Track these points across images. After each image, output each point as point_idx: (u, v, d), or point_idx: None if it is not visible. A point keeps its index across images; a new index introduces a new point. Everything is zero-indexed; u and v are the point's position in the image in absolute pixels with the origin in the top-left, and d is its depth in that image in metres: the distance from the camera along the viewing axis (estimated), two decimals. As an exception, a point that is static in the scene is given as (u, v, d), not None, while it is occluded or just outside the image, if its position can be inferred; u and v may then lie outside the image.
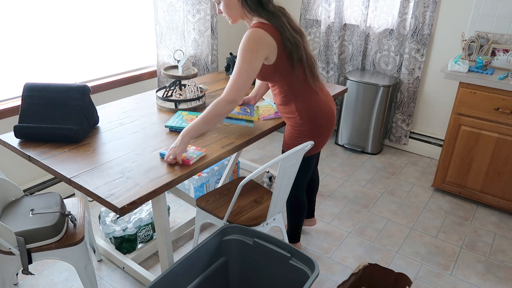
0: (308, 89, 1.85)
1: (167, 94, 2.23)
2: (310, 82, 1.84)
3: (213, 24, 3.24)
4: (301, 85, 1.83)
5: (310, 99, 1.87)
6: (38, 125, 1.75)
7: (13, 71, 2.41)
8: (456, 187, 2.87)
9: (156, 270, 2.21)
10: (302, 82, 1.83)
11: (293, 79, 1.80)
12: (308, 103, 1.87)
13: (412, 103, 3.39)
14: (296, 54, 1.75)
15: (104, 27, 2.79)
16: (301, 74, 1.80)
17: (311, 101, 1.87)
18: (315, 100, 1.88)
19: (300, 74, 1.80)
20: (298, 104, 1.87)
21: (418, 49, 3.20)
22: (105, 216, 2.31)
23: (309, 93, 1.86)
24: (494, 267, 2.31)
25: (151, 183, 1.50)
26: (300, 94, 1.85)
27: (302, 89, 1.84)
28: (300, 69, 1.80)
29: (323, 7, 3.51)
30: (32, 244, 1.58)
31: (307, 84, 1.84)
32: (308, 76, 1.82)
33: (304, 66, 1.79)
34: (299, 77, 1.81)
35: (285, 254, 1.59)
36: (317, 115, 1.89)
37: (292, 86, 1.83)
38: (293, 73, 1.79)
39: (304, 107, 1.87)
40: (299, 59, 1.77)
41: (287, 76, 1.80)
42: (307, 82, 1.83)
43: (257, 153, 3.54)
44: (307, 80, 1.83)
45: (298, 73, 1.79)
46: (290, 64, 1.76)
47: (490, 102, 2.55)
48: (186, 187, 2.79)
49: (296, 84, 1.82)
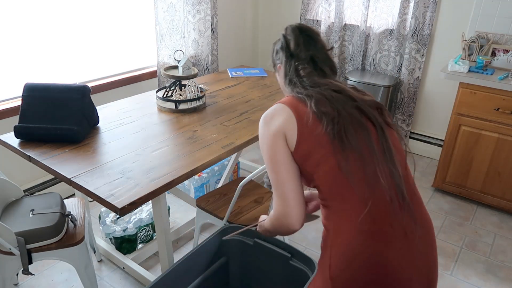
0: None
1: (167, 94, 2.23)
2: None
3: (213, 25, 3.24)
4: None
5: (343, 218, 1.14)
6: (38, 125, 1.75)
7: (13, 71, 2.41)
8: (456, 187, 2.87)
9: (156, 270, 2.21)
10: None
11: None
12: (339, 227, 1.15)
13: (412, 103, 3.39)
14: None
15: (104, 27, 2.79)
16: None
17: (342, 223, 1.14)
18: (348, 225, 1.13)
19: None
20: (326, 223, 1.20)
21: (418, 49, 3.20)
22: (105, 217, 2.31)
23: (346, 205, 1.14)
24: (494, 267, 2.31)
25: (151, 184, 1.50)
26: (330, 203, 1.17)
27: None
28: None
29: (323, 7, 3.51)
30: (32, 244, 1.58)
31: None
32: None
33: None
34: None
35: (285, 254, 1.59)
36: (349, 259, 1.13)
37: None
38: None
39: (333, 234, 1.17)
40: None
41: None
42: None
43: (257, 153, 3.54)
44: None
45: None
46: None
47: (490, 102, 2.55)
48: (186, 187, 2.79)
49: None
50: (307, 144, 1.13)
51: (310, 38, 1.30)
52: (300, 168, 1.18)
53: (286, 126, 1.15)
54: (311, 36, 1.31)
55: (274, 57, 1.38)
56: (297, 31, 1.31)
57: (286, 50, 1.31)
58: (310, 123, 1.13)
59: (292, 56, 1.28)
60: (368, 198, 1.09)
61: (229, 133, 1.92)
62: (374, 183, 1.10)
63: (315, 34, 1.33)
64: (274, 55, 1.38)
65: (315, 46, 1.29)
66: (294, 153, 1.16)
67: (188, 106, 2.18)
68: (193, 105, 2.19)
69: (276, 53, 1.37)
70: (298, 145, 1.14)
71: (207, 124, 2.02)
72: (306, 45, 1.28)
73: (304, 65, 1.26)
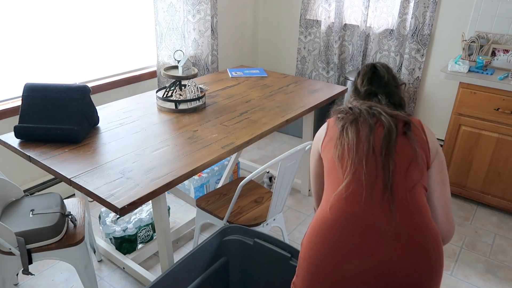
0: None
1: (167, 94, 2.23)
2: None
3: (213, 25, 3.25)
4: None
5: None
6: (38, 125, 1.75)
7: (13, 71, 2.41)
8: (456, 187, 2.87)
9: (156, 270, 2.21)
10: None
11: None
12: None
13: (412, 103, 3.39)
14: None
15: (104, 27, 2.79)
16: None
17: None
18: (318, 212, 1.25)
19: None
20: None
21: (418, 49, 3.20)
22: (105, 217, 2.31)
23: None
24: (494, 267, 2.31)
25: (151, 184, 1.50)
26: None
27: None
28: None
29: (323, 7, 3.51)
30: (32, 244, 1.58)
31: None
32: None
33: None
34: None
35: (285, 254, 1.59)
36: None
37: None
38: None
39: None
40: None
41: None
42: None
43: (257, 153, 3.53)
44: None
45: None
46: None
47: (490, 102, 2.55)
48: (186, 188, 2.79)
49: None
50: (327, 139, 1.34)
51: (374, 75, 1.46)
52: (324, 162, 1.36)
53: (320, 136, 1.39)
54: (376, 73, 1.46)
55: (352, 85, 1.58)
56: (367, 68, 1.49)
57: (355, 83, 1.50)
58: (333, 124, 1.35)
59: (356, 89, 1.49)
60: (346, 177, 1.19)
61: (229, 133, 1.92)
62: (359, 168, 1.19)
63: (380, 71, 1.46)
64: (352, 84, 1.57)
65: (377, 82, 1.44)
66: (321, 149, 1.37)
67: (188, 106, 2.18)
68: (193, 105, 2.19)
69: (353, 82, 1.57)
70: (323, 141, 1.36)
71: (207, 124, 2.02)
72: (368, 80, 1.45)
73: (356, 97, 1.46)
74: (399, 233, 1.12)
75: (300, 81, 2.73)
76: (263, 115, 2.14)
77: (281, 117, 2.11)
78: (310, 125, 2.67)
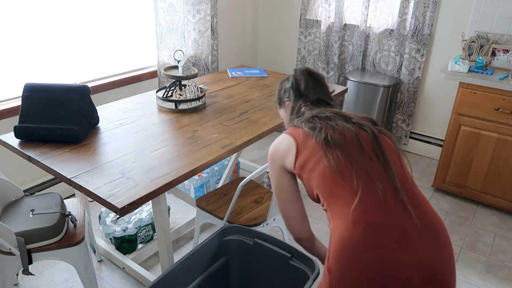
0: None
1: (167, 94, 2.23)
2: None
3: (213, 25, 3.25)
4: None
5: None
6: (38, 125, 1.75)
7: (13, 71, 2.41)
8: (456, 187, 2.87)
9: (156, 270, 2.21)
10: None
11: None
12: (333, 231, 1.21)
13: (412, 103, 3.39)
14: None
15: (104, 27, 2.79)
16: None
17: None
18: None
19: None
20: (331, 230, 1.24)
21: (418, 49, 3.20)
22: (105, 217, 2.31)
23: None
24: (494, 267, 2.31)
25: (151, 184, 1.50)
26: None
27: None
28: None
29: (323, 7, 3.51)
30: (32, 244, 1.58)
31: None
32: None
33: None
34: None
35: (286, 254, 1.59)
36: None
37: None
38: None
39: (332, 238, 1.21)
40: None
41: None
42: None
43: (257, 153, 3.53)
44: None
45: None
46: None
47: (490, 102, 2.55)
48: (186, 188, 2.79)
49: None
50: (303, 157, 1.28)
51: (318, 82, 1.48)
52: (302, 180, 1.32)
53: (286, 153, 1.33)
54: (319, 80, 1.49)
55: (282, 95, 1.53)
56: (306, 74, 1.48)
57: (296, 90, 1.47)
58: (303, 139, 1.29)
59: (301, 95, 1.45)
60: (357, 189, 1.16)
61: (229, 133, 1.92)
62: (364, 176, 1.18)
63: (321, 78, 1.51)
64: (283, 93, 1.53)
65: (321, 88, 1.48)
66: (295, 169, 1.31)
67: (188, 106, 2.18)
68: (193, 105, 2.19)
69: (284, 91, 1.52)
70: (296, 160, 1.29)
71: (207, 124, 2.02)
72: (314, 87, 1.46)
73: (309, 105, 1.43)
74: (421, 227, 1.14)
75: (300, 81, 2.72)
76: (263, 115, 2.14)
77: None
78: (310, 125, 2.67)
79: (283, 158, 1.33)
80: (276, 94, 1.58)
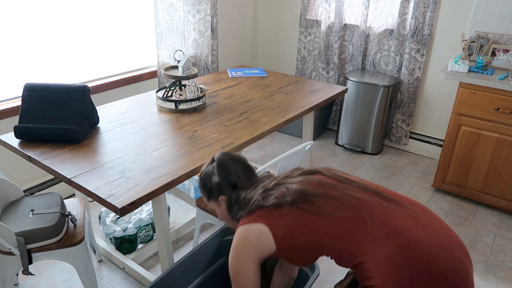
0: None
1: (167, 94, 2.23)
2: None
3: (213, 25, 3.25)
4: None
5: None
6: (38, 125, 1.75)
7: (13, 71, 2.41)
8: (456, 187, 2.87)
9: (156, 270, 2.21)
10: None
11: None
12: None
13: (412, 103, 3.39)
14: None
15: (104, 27, 2.79)
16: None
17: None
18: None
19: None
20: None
21: (418, 49, 3.20)
22: (105, 217, 2.31)
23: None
24: (494, 267, 2.31)
25: (151, 184, 1.50)
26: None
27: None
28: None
29: (323, 7, 3.51)
30: (32, 244, 1.58)
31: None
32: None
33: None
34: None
35: (285, 254, 1.59)
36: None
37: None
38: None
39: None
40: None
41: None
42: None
43: (257, 153, 3.54)
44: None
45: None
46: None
47: (490, 102, 2.55)
48: (186, 187, 2.79)
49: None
50: (281, 228, 1.23)
51: (242, 164, 1.42)
52: (300, 251, 1.27)
53: (258, 239, 1.24)
54: (241, 162, 1.42)
55: (214, 190, 1.40)
56: (231, 162, 1.40)
57: (227, 183, 1.37)
58: (270, 214, 1.24)
59: (235, 186, 1.37)
60: (359, 212, 1.20)
61: (229, 133, 1.92)
62: (351, 201, 1.22)
63: (241, 158, 1.45)
64: (213, 188, 1.40)
65: (246, 168, 1.42)
66: (280, 245, 1.24)
67: (188, 106, 2.18)
68: (193, 105, 2.19)
69: (214, 186, 1.40)
70: (275, 236, 1.23)
71: (207, 124, 2.02)
72: (244, 172, 1.39)
73: (247, 190, 1.35)
74: (417, 209, 1.25)
75: (300, 81, 2.73)
76: (263, 115, 2.14)
77: (281, 117, 2.11)
78: (310, 125, 2.67)
79: (256, 246, 1.25)
80: (202, 188, 1.44)
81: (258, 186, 1.33)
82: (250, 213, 1.28)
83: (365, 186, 1.28)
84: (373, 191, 1.26)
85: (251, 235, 1.25)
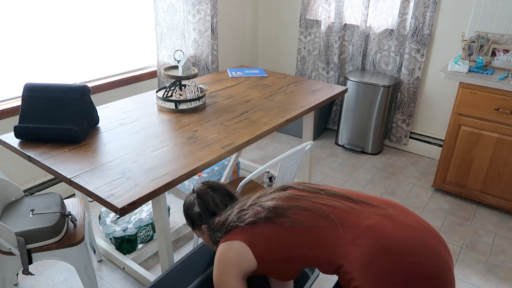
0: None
1: (167, 94, 2.23)
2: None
3: (213, 25, 3.25)
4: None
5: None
6: (38, 125, 1.75)
7: (13, 71, 2.41)
8: (456, 187, 2.87)
9: (156, 270, 2.21)
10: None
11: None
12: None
13: (412, 103, 3.39)
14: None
15: (104, 27, 2.79)
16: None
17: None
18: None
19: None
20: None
21: (418, 49, 3.20)
22: (105, 217, 2.31)
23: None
24: (494, 267, 2.31)
25: (151, 184, 1.50)
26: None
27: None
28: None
29: (323, 7, 3.51)
30: (32, 244, 1.58)
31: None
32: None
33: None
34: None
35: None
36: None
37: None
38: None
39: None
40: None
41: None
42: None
43: (257, 153, 3.54)
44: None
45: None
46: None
47: (490, 102, 2.55)
48: (186, 187, 2.79)
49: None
50: (260, 243, 1.27)
51: (221, 192, 1.47)
52: (281, 265, 1.29)
53: (239, 257, 1.27)
54: (221, 190, 1.48)
55: (196, 219, 1.47)
56: (210, 192, 1.46)
57: (207, 211, 1.44)
58: (247, 232, 1.28)
59: (214, 213, 1.43)
60: (330, 218, 1.24)
61: (229, 133, 1.92)
62: (321, 208, 1.26)
63: (221, 185, 1.50)
64: (195, 218, 1.47)
65: (226, 195, 1.47)
66: (261, 260, 1.27)
67: (188, 106, 2.18)
68: (193, 105, 2.19)
69: (195, 216, 1.47)
70: (255, 252, 1.26)
71: (207, 124, 2.02)
72: (221, 199, 1.45)
73: (224, 212, 1.40)
74: (387, 206, 1.29)
75: (300, 81, 2.73)
76: (263, 115, 2.14)
77: (281, 117, 2.11)
78: (310, 125, 2.67)
79: (238, 262, 1.28)
80: (186, 219, 1.52)
81: (234, 208, 1.38)
82: (227, 233, 1.33)
83: (333, 193, 1.33)
84: (342, 195, 1.31)
85: (231, 252, 1.29)
